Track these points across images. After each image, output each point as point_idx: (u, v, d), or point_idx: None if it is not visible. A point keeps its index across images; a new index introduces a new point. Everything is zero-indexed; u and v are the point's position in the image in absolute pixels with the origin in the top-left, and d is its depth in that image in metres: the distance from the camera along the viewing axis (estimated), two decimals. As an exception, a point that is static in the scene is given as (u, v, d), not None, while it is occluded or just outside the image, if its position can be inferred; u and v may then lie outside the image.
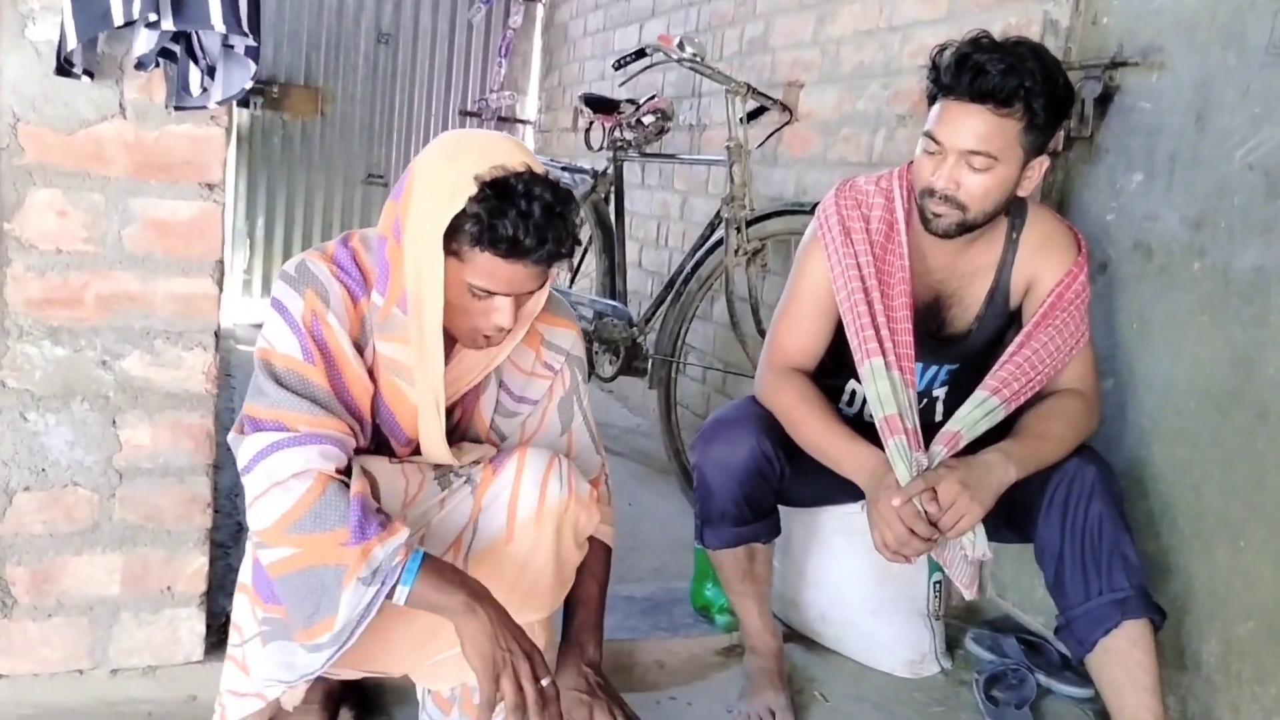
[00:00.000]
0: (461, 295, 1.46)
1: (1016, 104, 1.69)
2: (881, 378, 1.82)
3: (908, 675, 2.17)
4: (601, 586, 1.74)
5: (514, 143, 1.49)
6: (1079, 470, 1.81)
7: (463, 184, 1.40)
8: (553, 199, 1.42)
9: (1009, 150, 1.73)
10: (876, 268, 1.86)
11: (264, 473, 1.42)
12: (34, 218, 1.66)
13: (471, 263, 1.43)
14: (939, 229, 1.80)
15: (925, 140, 1.78)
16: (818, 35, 3.09)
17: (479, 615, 1.40)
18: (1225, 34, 1.87)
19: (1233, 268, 1.85)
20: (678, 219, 3.92)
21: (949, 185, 1.75)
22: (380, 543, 1.40)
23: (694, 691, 2.08)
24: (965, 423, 1.82)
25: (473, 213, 1.39)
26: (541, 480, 1.59)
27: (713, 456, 1.94)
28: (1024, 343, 1.86)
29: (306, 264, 1.52)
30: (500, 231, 1.39)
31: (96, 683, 1.81)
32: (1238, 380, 1.84)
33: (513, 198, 1.39)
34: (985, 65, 1.69)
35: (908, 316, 1.85)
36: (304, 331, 1.48)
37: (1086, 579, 1.79)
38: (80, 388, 1.72)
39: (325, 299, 1.49)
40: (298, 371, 1.47)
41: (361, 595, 1.39)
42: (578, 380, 1.74)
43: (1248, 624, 1.83)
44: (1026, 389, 1.85)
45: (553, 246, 1.42)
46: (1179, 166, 1.96)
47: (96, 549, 1.77)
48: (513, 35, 5.71)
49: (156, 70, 1.63)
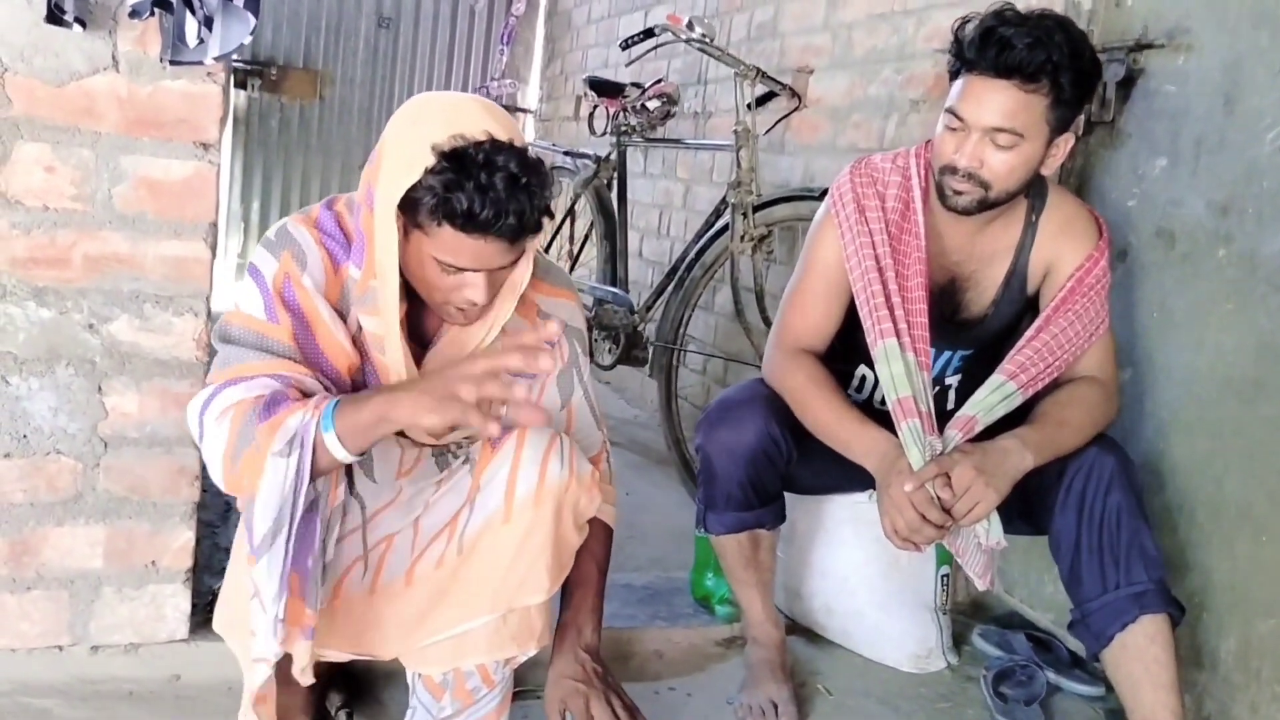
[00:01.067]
0: (430, 269, 1.40)
1: (1043, 79, 1.64)
2: (896, 359, 1.76)
3: (913, 670, 2.12)
4: (601, 568, 1.69)
5: (482, 106, 1.40)
6: (1098, 460, 1.76)
7: (420, 154, 1.33)
8: (517, 169, 1.34)
9: (1034, 127, 1.67)
10: (891, 247, 1.81)
11: (204, 427, 1.36)
12: (21, 173, 1.60)
13: (435, 237, 1.36)
14: (959, 206, 1.74)
15: (947, 116, 1.72)
16: (829, 19, 3.03)
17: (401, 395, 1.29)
18: (1256, 12, 1.81)
19: (1260, 254, 1.79)
20: (680, 208, 3.86)
21: (972, 162, 1.69)
22: (290, 413, 1.31)
23: (693, 682, 2.03)
24: (981, 407, 1.77)
25: (428, 185, 1.33)
26: (542, 459, 1.53)
27: (718, 438, 1.88)
28: (1042, 327, 1.80)
29: (287, 227, 1.48)
30: (455, 205, 1.32)
31: (76, 660, 1.74)
32: (1263, 369, 1.79)
33: (470, 169, 1.32)
34: (1011, 39, 1.63)
35: (923, 298, 1.79)
36: (272, 294, 1.43)
37: (1104, 571, 1.73)
38: (65, 352, 1.66)
39: (301, 261, 1.45)
40: (256, 330, 1.41)
41: (284, 468, 1.30)
42: (577, 352, 1.68)
43: (1269, 621, 1.78)
44: (1044, 375, 1.80)
45: (514, 221, 1.34)
46: (1205, 151, 1.90)
47: (79, 520, 1.71)
48: (515, 22, 5.66)
49: (151, 20, 1.57)
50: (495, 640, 1.57)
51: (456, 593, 1.55)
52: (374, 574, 1.56)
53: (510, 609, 1.56)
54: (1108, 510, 1.74)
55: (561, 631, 1.64)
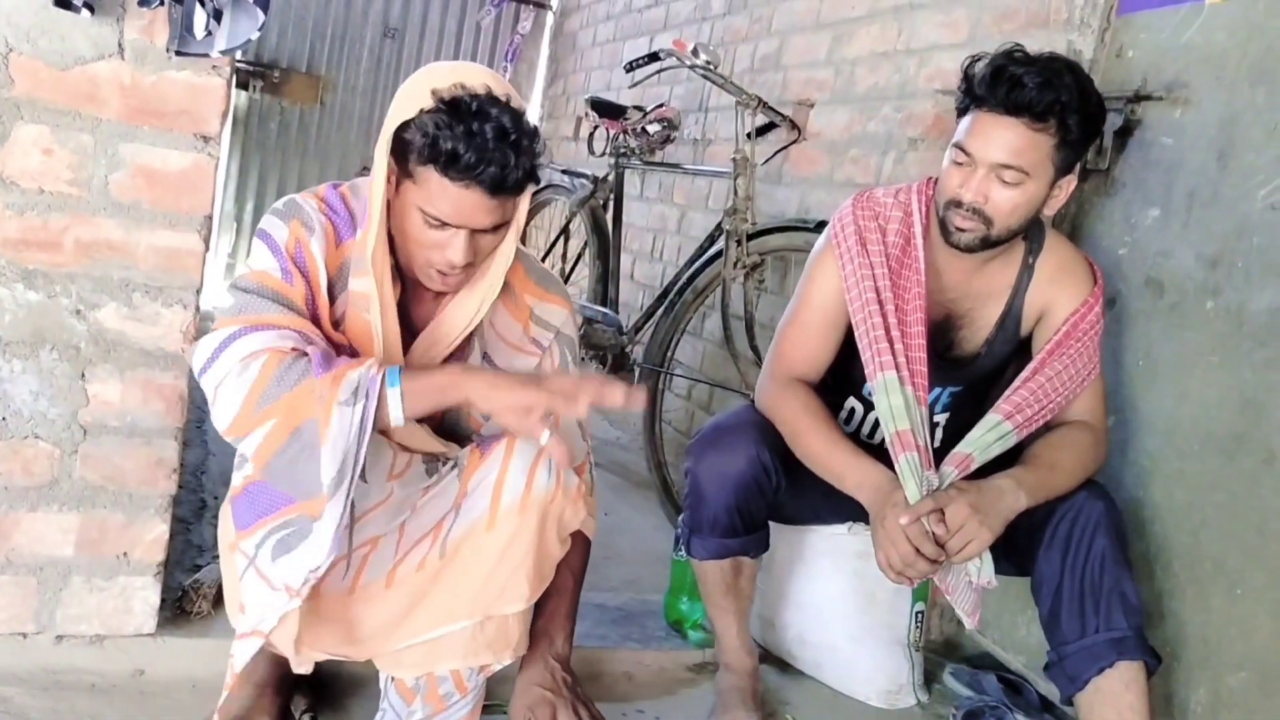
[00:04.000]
0: (416, 223, 1.43)
1: (1051, 119, 1.66)
2: (895, 392, 1.76)
3: (883, 705, 2.11)
4: (577, 578, 1.69)
5: (489, 72, 1.46)
6: (1086, 504, 1.76)
7: (421, 96, 1.39)
8: (509, 124, 1.38)
9: (1040, 166, 1.69)
10: (892, 280, 1.81)
11: (221, 365, 1.37)
12: (18, 154, 1.59)
13: (422, 184, 1.40)
14: (961, 243, 1.75)
15: (954, 151, 1.73)
16: (832, 55, 3.06)
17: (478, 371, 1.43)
18: (1255, 71, 1.84)
19: (1247, 309, 1.81)
20: (674, 232, 3.87)
21: (977, 198, 1.71)
22: (350, 367, 1.36)
23: (662, 706, 2.01)
24: (977, 445, 1.77)
25: (421, 125, 1.38)
26: (529, 468, 1.53)
27: (709, 463, 1.87)
28: (1038, 369, 1.81)
29: (295, 199, 1.52)
30: (441, 145, 1.36)
31: (40, 648, 1.72)
32: (1245, 424, 1.80)
33: (463, 115, 1.37)
34: (1022, 78, 1.65)
35: (922, 333, 1.80)
36: (285, 255, 1.46)
37: (1084, 615, 1.73)
38: (51, 336, 1.64)
39: (310, 228, 1.48)
40: (272, 286, 1.44)
41: (349, 417, 1.33)
42: (568, 360, 1.68)
43: (1239, 674, 1.78)
44: (1038, 417, 1.80)
45: (496, 170, 1.38)
46: (1198, 204, 1.92)
47: (53, 507, 1.69)
48: (520, 40, 5.68)
49: (160, 9, 1.57)
50: (471, 646, 1.56)
51: (435, 596, 1.54)
52: (355, 574, 1.55)
53: (488, 616, 1.55)
54: (1092, 555, 1.74)
55: (533, 639, 1.63)
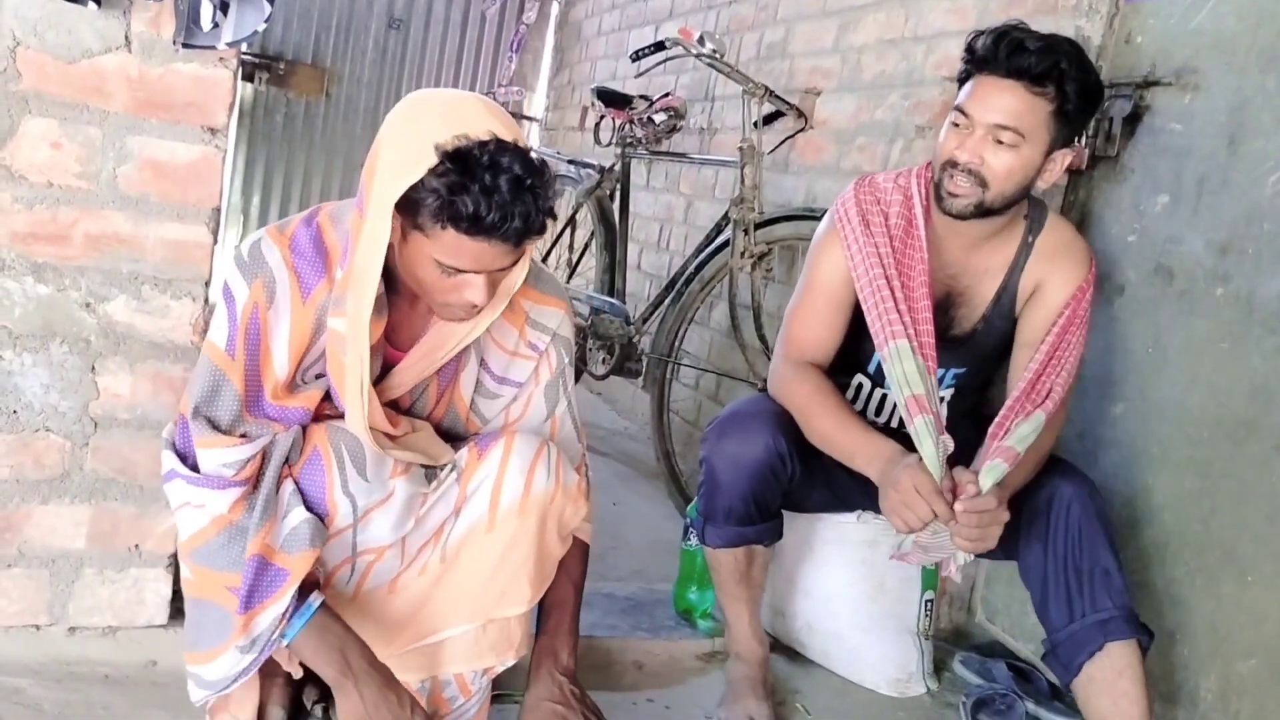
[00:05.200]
0: (431, 271, 1.37)
1: (1049, 84, 1.67)
2: (908, 358, 1.76)
3: (893, 694, 2.11)
4: (578, 588, 1.67)
5: (484, 104, 1.37)
6: (1059, 489, 1.78)
7: (422, 153, 1.29)
8: (522, 171, 1.30)
9: (1037, 131, 1.70)
10: (896, 260, 1.82)
11: (174, 493, 1.45)
12: (26, 147, 1.59)
13: (436, 239, 1.32)
14: (955, 209, 1.76)
15: (954, 114, 1.75)
16: (839, 43, 3.05)
17: (351, 694, 1.40)
18: (1265, 56, 1.83)
19: (1258, 295, 1.80)
20: (681, 222, 3.87)
21: (973, 159, 1.71)
22: (264, 609, 1.39)
23: (672, 695, 2.02)
24: (1023, 441, 1.74)
25: (431, 187, 1.29)
26: (528, 468, 1.52)
27: (725, 450, 1.87)
28: (1053, 356, 1.81)
29: (261, 249, 1.45)
30: (460, 209, 1.28)
31: (53, 640, 1.73)
32: (1255, 411, 1.79)
33: (475, 171, 1.28)
34: (1024, 42, 1.67)
35: (928, 306, 1.80)
36: (239, 324, 1.43)
37: (1070, 600, 1.75)
38: (60, 329, 1.65)
39: (270, 292, 1.43)
40: (219, 366, 1.44)
41: (237, 661, 1.40)
42: (564, 363, 1.66)
43: (1249, 661, 1.78)
44: (1055, 401, 1.81)
45: (520, 224, 1.31)
46: (1207, 190, 1.92)
47: (64, 499, 1.70)
48: (526, 30, 5.67)
49: (167, 2, 1.57)
50: (474, 650, 1.56)
51: (438, 600, 1.54)
52: (360, 579, 1.55)
53: (490, 619, 1.55)
54: (1070, 537, 1.76)
55: (538, 655, 1.63)
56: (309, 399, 1.49)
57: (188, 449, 1.43)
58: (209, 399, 1.44)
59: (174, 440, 1.45)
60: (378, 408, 1.47)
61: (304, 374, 1.49)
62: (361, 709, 1.38)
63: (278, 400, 1.46)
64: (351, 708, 1.39)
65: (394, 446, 1.52)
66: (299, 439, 1.48)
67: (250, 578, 1.38)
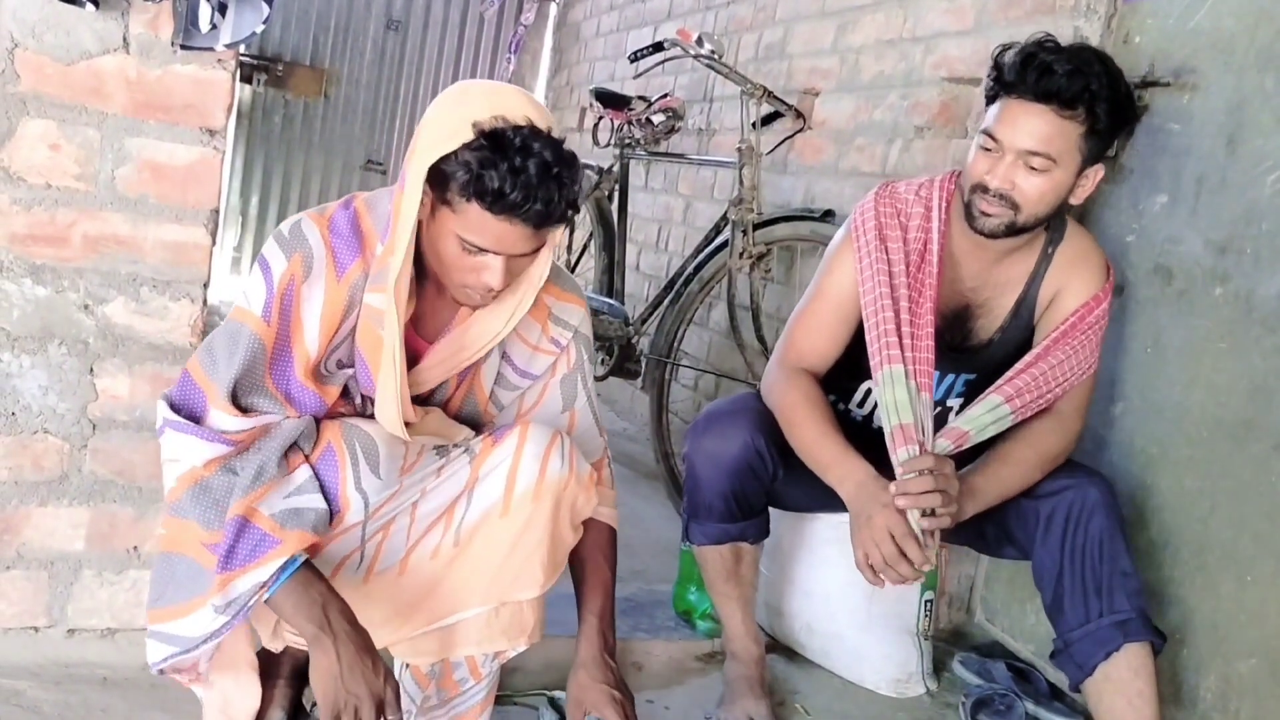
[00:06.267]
0: (453, 248, 1.40)
1: (1080, 107, 1.65)
2: (900, 385, 1.76)
3: (892, 694, 2.11)
4: (614, 571, 1.70)
5: (524, 96, 1.42)
6: (1079, 490, 1.78)
7: (460, 128, 1.35)
8: (551, 158, 1.35)
9: (1068, 154, 1.68)
10: (909, 277, 1.81)
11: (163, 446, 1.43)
12: (25, 149, 1.59)
13: (461, 214, 1.37)
14: (986, 228, 1.75)
15: (982, 137, 1.73)
16: (837, 43, 3.05)
17: (328, 651, 1.36)
18: (1264, 56, 1.83)
19: (1256, 295, 1.80)
20: (680, 223, 3.87)
21: (1004, 184, 1.70)
22: (245, 572, 1.37)
23: (672, 695, 2.02)
24: (976, 424, 1.78)
25: (463, 160, 1.34)
26: (543, 455, 1.53)
27: (704, 448, 1.88)
28: (1041, 356, 1.81)
29: (301, 226, 1.46)
30: (487, 183, 1.33)
31: (51, 642, 1.73)
32: (1254, 410, 1.79)
33: (506, 151, 1.33)
34: (1052, 65, 1.64)
35: (930, 324, 1.79)
36: (275, 292, 1.43)
37: (1087, 601, 1.74)
38: (59, 331, 1.65)
39: (308, 267, 1.44)
40: (254, 331, 1.43)
41: (212, 620, 1.38)
42: (584, 358, 1.68)
43: (1249, 661, 1.78)
44: (1036, 403, 1.80)
45: (541, 206, 1.35)
46: (1206, 190, 1.92)
47: (63, 501, 1.70)
48: (524, 32, 5.67)
49: (165, 4, 1.58)
50: (486, 633, 1.56)
51: (450, 583, 1.54)
52: (369, 564, 1.55)
53: (503, 602, 1.55)
54: (1089, 539, 1.75)
55: (587, 637, 1.63)
56: (329, 392, 1.50)
57: (184, 403, 1.43)
58: (234, 358, 1.42)
59: (172, 394, 1.44)
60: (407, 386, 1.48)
61: (329, 360, 1.50)
62: (336, 667, 1.35)
63: (304, 380, 1.47)
64: (327, 664, 1.35)
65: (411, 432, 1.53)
66: (312, 428, 1.48)
67: (231, 537, 1.36)
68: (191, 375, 1.44)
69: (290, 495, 1.42)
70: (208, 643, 1.40)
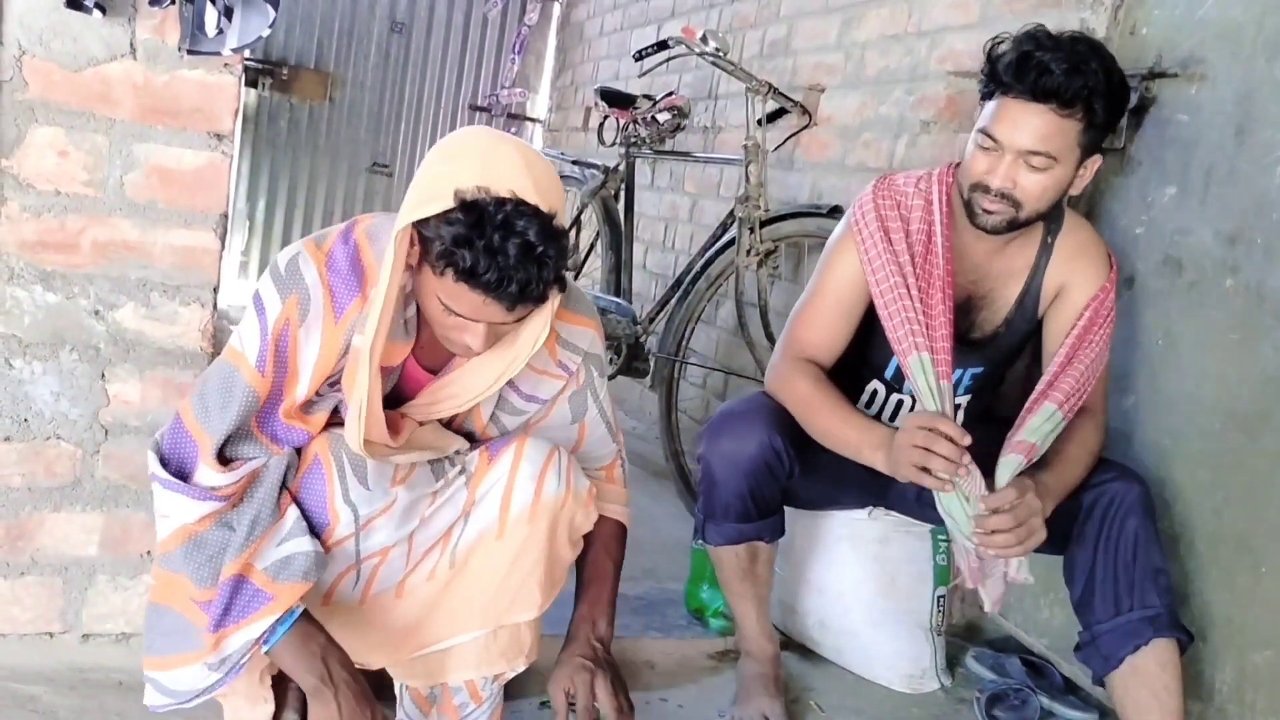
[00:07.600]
0: (434, 306, 1.35)
1: (1078, 105, 1.65)
2: (930, 372, 1.75)
3: (906, 690, 2.11)
4: (617, 564, 1.69)
5: (523, 159, 1.31)
6: (1119, 489, 1.78)
7: (442, 193, 1.28)
8: (535, 238, 1.27)
9: (1068, 151, 1.68)
10: (915, 269, 1.80)
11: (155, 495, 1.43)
12: (34, 156, 1.60)
13: (441, 278, 1.31)
14: (989, 225, 1.75)
15: (980, 136, 1.72)
16: (842, 39, 3.04)
17: (329, 703, 1.37)
18: (1272, 46, 1.82)
19: (1267, 286, 1.80)
20: (686, 221, 3.87)
21: (1005, 183, 1.70)
22: (238, 629, 1.37)
23: (684, 694, 2.01)
24: (1039, 434, 1.75)
25: (439, 231, 1.27)
26: (538, 475, 1.52)
27: (720, 449, 1.88)
28: (1073, 355, 1.81)
29: (298, 262, 1.41)
30: (459, 261, 1.26)
31: (66, 647, 1.74)
32: (1267, 402, 1.79)
33: (484, 228, 1.25)
34: (1049, 64, 1.63)
35: (946, 314, 1.78)
36: (270, 339, 1.39)
37: (1118, 594, 1.75)
38: (70, 337, 1.65)
39: (304, 311, 1.40)
40: (248, 382, 1.40)
41: (205, 677, 1.39)
42: (594, 377, 1.64)
43: (1265, 653, 1.77)
44: (1078, 403, 1.81)
45: (516, 290, 1.28)
46: (1215, 181, 1.91)
47: (76, 507, 1.70)
48: (528, 32, 5.67)
49: (171, 9, 1.58)
50: (484, 656, 1.56)
51: (447, 606, 1.54)
52: (365, 585, 1.54)
53: (500, 625, 1.55)
54: (1124, 536, 1.75)
55: (576, 622, 1.62)
56: (315, 423, 1.47)
57: (174, 454, 1.41)
58: (227, 412, 1.40)
59: (162, 442, 1.43)
60: (376, 423, 1.42)
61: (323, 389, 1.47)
62: (337, 718, 1.37)
63: (289, 419, 1.44)
64: (328, 716, 1.37)
65: (397, 451, 1.49)
66: (294, 461, 1.47)
67: (226, 596, 1.36)
68: (184, 422, 1.42)
69: (282, 542, 1.41)
70: (200, 698, 1.41)
